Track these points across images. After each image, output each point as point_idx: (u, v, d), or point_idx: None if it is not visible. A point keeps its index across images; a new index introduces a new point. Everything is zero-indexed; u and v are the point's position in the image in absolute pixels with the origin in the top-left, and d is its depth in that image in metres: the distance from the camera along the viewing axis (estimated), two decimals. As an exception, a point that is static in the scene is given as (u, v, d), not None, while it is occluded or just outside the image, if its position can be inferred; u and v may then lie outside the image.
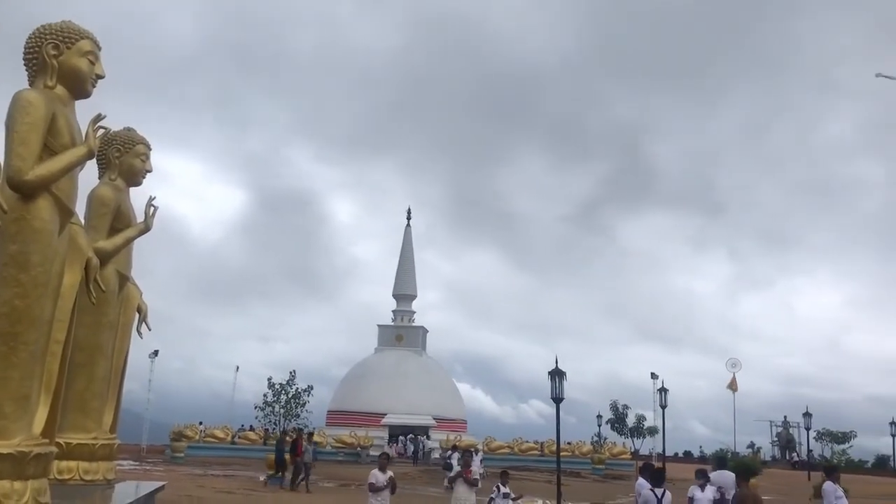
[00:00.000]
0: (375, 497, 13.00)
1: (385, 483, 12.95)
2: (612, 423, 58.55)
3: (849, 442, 54.99)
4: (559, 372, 23.45)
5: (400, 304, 65.28)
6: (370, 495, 13.06)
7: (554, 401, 23.72)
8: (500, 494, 14.07)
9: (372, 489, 13.02)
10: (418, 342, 64.24)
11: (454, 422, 59.24)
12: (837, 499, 13.20)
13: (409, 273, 65.52)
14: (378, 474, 13.14)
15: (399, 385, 58.16)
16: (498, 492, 14.10)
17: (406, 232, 66.97)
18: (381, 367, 60.63)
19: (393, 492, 13.08)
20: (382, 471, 13.17)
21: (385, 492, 12.96)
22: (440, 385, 61.92)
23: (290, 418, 29.51)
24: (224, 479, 28.29)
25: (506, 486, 14.22)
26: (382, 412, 56.74)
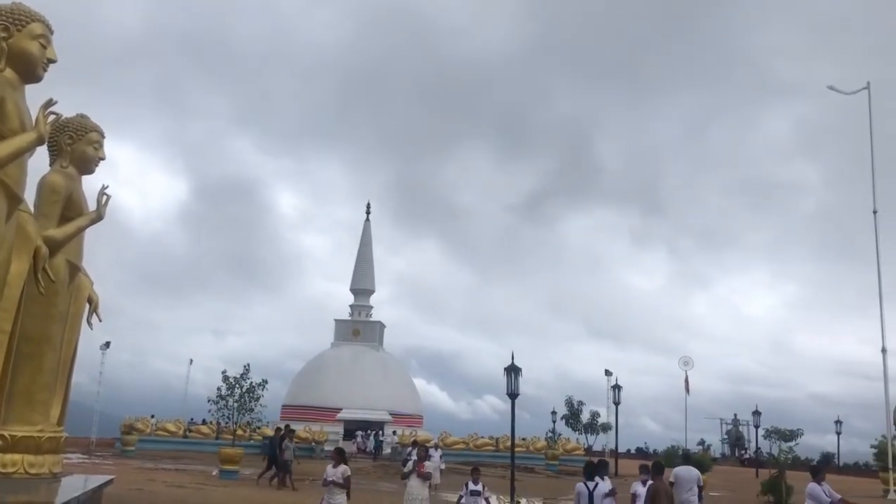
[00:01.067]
0: (325, 493, 12.95)
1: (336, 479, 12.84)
2: (566, 420, 58.99)
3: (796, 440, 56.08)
4: (515, 368, 23.60)
5: (357, 299, 64.99)
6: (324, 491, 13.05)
7: (509, 396, 23.86)
8: (468, 492, 13.20)
9: (323, 483, 13.04)
10: (375, 337, 64.04)
11: (410, 417, 59.20)
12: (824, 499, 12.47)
13: (367, 268, 65.27)
14: (329, 469, 13.09)
15: (355, 380, 57.93)
16: (466, 489, 13.30)
17: (365, 227, 66.71)
18: (337, 362, 60.32)
19: (344, 487, 12.88)
20: (336, 466, 13.09)
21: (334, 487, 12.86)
22: (397, 380, 61.81)
23: (244, 413, 29.10)
24: (175, 473, 27.92)
25: (477, 483, 13.40)
26: (338, 407, 56.48)
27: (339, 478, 12.82)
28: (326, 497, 12.86)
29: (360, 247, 66.14)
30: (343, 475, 12.87)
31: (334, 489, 12.79)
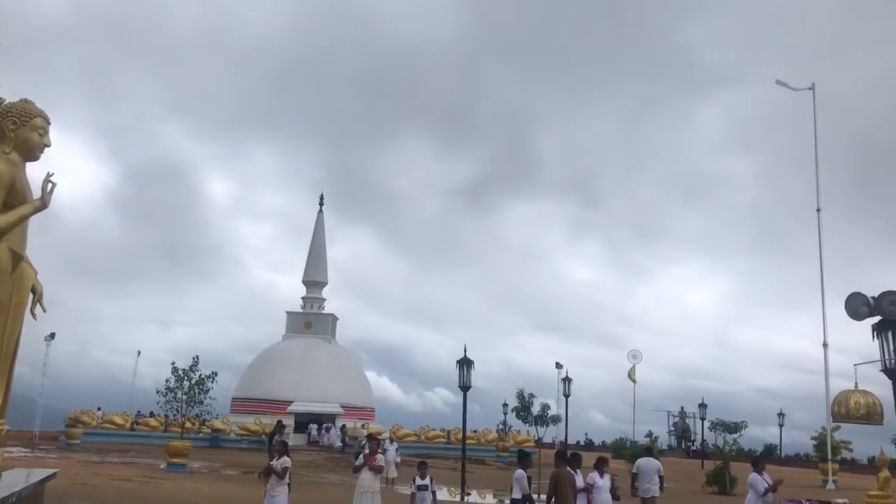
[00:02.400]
0: (267, 485, 12.92)
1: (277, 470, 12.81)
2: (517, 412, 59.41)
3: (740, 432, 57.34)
4: (467, 361, 23.73)
5: (310, 291, 64.53)
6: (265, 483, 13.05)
7: (462, 389, 23.98)
8: (416, 487, 13.06)
9: (261, 475, 13.04)
10: (328, 329, 63.67)
11: (362, 410, 59.08)
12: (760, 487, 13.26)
13: (319, 260, 64.82)
14: (274, 462, 13.06)
15: (307, 372, 57.58)
16: (413, 485, 13.15)
17: (318, 218, 66.18)
18: (288, 354, 59.88)
19: (280, 477, 12.88)
20: (278, 458, 13.05)
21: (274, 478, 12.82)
22: (349, 373, 61.60)
23: (192, 405, 28.73)
24: (122, 467, 27.46)
25: (425, 477, 13.27)
26: (289, 399, 56.09)
27: (278, 469, 12.84)
28: (269, 489, 12.84)
29: (312, 238, 65.61)
30: (281, 466, 12.88)
31: (275, 480, 12.78)
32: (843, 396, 12.76)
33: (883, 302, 11.75)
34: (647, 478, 16.03)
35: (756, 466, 13.69)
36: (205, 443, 44.21)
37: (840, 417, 13.18)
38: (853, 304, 11.89)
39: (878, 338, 11.85)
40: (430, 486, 13.10)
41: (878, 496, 12.32)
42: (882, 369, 12.02)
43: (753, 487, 13.30)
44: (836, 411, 12.89)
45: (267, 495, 12.85)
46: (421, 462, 13.74)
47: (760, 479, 13.26)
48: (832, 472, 34.30)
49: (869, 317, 12.09)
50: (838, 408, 12.70)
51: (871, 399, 12.33)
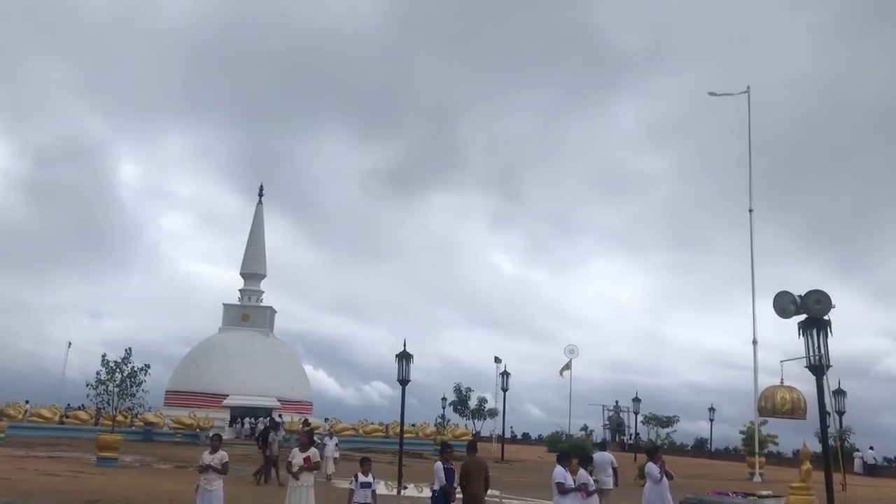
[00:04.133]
0: (202, 479, 12.72)
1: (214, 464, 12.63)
2: (454, 406, 59.80)
3: (672, 426, 58.92)
4: (406, 355, 23.73)
5: (248, 283, 63.79)
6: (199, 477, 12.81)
7: (400, 383, 23.97)
8: (359, 485, 12.57)
9: (199, 470, 12.81)
10: (266, 322, 63.08)
11: (300, 404, 58.69)
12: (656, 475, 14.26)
13: (258, 252, 64.12)
14: (206, 455, 12.86)
15: (244, 366, 56.99)
16: (356, 481, 12.63)
17: (257, 209, 65.46)
18: (225, 347, 59.15)
19: (222, 472, 12.73)
20: (214, 451, 12.86)
21: (210, 472, 12.66)
22: (287, 366, 61.14)
23: (124, 398, 28.12)
24: (49, 461, 26.73)
25: (367, 474, 12.76)
26: (224, 393, 55.45)
27: (216, 463, 12.64)
28: (203, 484, 12.63)
29: (251, 230, 64.87)
30: (221, 461, 12.69)
31: (212, 475, 12.58)
32: (770, 392, 13.18)
33: (809, 300, 12.12)
34: (602, 470, 16.88)
35: (652, 457, 14.70)
36: (137, 436, 43.40)
37: (766, 412, 13.62)
38: (781, 303, 12.23)
39: (803, 335, 12.24)
40: (372, 483, 12.93)
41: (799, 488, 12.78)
42: (807, 366, 12.42)
43: (650, 476, 14.23)
44: (763, 406, 13.31)
45: (202, 490, 12.66)
46: (364, 458, 13.45)
47: (656, 468, 14.18)
48: (759, 465, 35.35)
49: (796, 315, 12.45)
50: (765, 403, 13.11)
51: (796, 395, 12.76)
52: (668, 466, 14.90)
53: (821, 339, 12.21)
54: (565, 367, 51.78)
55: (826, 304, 12.21)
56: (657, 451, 15.43)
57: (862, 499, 24.86)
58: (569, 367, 51.84)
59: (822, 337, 12.26)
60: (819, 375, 12.46)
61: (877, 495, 28.22)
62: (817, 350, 12.26)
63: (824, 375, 12.55)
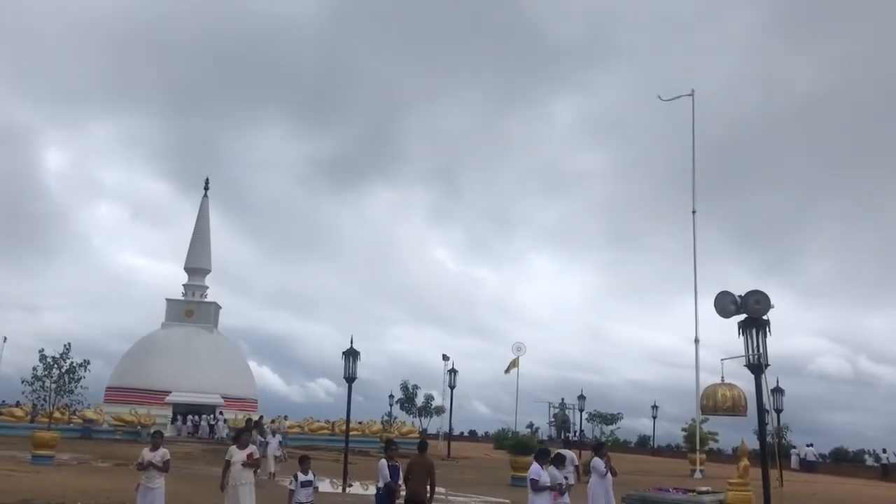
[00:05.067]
0: (143, 476, 12.52)
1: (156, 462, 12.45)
2: (401, 403, 59.70)
3: (616, 423, 59.60)
4: (353, 352, 23.56)
5: (192, 278, 62.80)
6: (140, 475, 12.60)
7: (347, 380, 23.80)
8: (298, 484, 12.43)
9: (139, 468, 12.58)
10: (210, 318, 62.17)
11: (244, 401, 58.04)
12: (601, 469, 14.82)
13: (203, 246, 63.15)
14: (146, 453, 12.64)
15: (187, 362, 56.13)
16: (295, 481, 12.48)
17: (203, 203, 64.46)
18: (168, 343, 58.18)
19: (164, 470, 12.56)
20: (155, 449, 12.65)
21: (152, 470, 12.47)
22: (231, 363, 60.39)
23: (62, 394, 27.41)
24: (-19, 460, 25.92)
25: (308, 473, 12.62)
26: (167, 390, 54.54)
27: (158, 461, 12.48)
28: (144, 482, 12.43)
29: (196, 224, 63.87)
30: (162, 458, 12.55)
31: (154, 473, 12.42)
32: (711, 390, 13.43)
33: (749, 300, 12.40)
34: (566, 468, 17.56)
35: (598, 452, 15.50)
36: (75, 434, 42.36)
37: (708, 410, 13.88)
38: (722, 303, 12.49)
39: (743, 334, 12.51)
40: (313, 481, 12.79)
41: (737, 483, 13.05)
42: (746, 364, 12.70)
43: (596, 470, 14.85)
44: (705, 404, 13.56)
45: (143, 488, 12.44)
46: (303, 457, 13.31)
47: (602, 463, 14.84)
48: (699, 461, 36.04)
49: (736, 314, 12.72)
50: (706, 401, 13.36)
51: (736, 392, 13.03)
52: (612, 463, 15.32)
53: (760, 338, 12.51)
54: (512, 365, 52.02)
55: (765, 304, 12.50)
56: (603, 447, 16.17)
57: (798, 494, 25.54)
58: (516, 365, 52.09)
59: (760, 336, 12.56)
60: (758, 374, 12.75)
61: (812, 490, 29.04)
62: (756, 349, 12.55)
63: (763, 374, 12.85)
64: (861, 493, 30.38)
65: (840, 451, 53.52)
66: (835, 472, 45.77)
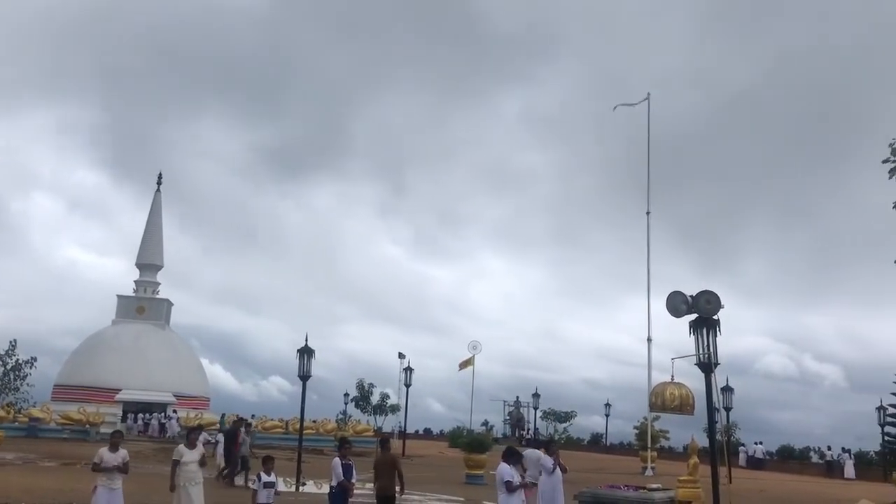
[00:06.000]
0: (102, 478, 12.27)
1: (117, 463, 12.24)
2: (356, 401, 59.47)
3: (569, 421, 60.15)
4: (308, 350, 23.45)
5: (144, 274, 61.80)
6: (98, 476, 12.31)
7: (301, 378, 23.67)
8: (262, 484, 12.31)
9: (95, 469, 12.30)
10: (162, 315, 61.25)
11: (196, 399, 57.35)
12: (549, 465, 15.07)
13: (155, 242, 62.22)
14: (105, 453, 12.38)
15: (138, 360, 55.29)
16: (258, 481, 12.39)
17: (155, 198, 63.50)
18: (118, 341, 57.21)
19: (123, 472, 12.36)
20: (114, 449, 12.41)
21: (115, 471, 12.27)
22: (183, 361, 59.59)
23: (7, 392, 26.81)
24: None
25: (271, 474, 12.51)
26: (117, 387, 53.65)
27: (120, 462, 12.30)
28: (106, 483, 12.22)
29: (148, 219, 62.90)
30: (123, 459, 12.36)
31: (115, 474, 12.25)
32: (661, 388, 13.65)
33: (700, 301, 12.61)
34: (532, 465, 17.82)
35: (548, 449, 15.72)
36: (21, 432, 41.39)
37: (657, 408, 14.11)
38: (673, 302, 12.68)
39: (693, 334, 12.73)
40: (276, 483, 12.69)
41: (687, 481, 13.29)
42: (696, 363, 12.93)
43: (544, 467, 15.05)
44: (654, 402, 13.78)
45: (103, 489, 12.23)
46: (266, 457, 13.22)
47: (550, 460, 15.08)
48: (651, 459, 36.55)
49: (687, 314, 12.93)
50: (656, 399, 13.57)
51: (685, 391, 13.25)
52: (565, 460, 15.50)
53: (710, 337, 12.74)
54: (466, 363, 52.11)
55: (715, 304, 12.73)
56: (552, 444, 16.36)
57: (746, 491, 26.03)
58: (471, 363, 52.23)
59: (711, 336, 12.79)
60: (708, 373, 12.98)
61: (759, 487, 29.64)
62: (706, 348, 12.78)
63: (713, 373, 13.09)
64: (806, 490, 31.12)
65: (786, 448, 54.67)
66: (781, 469, 46.80)
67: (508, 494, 12.52)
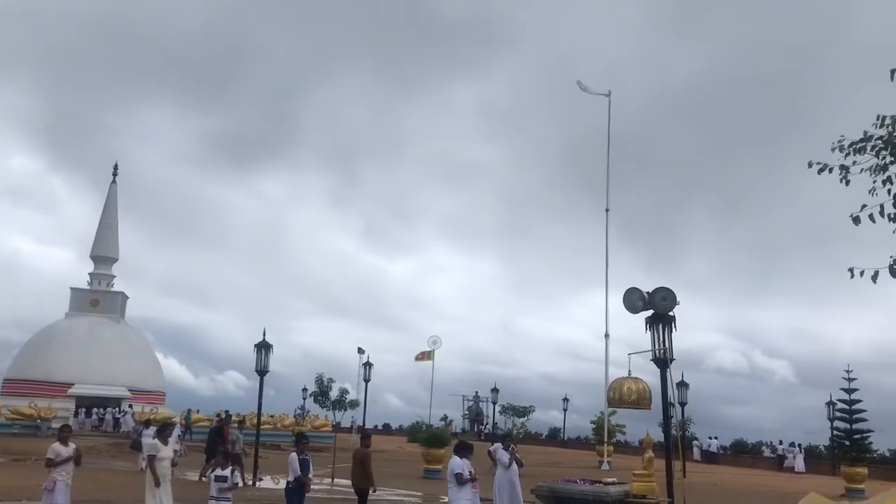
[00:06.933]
0: (56, 472, 12.17)
1: (69, 456, 12.19)
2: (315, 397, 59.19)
3: (527, 416, 60.66)
4: (266, 344, 23.35)
5: (98, 267, 60.70)
6: (50, 470, 12.21)
7: (258, 373, 23.55)
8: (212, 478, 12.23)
9: (49, 464, 12.17)
10: (116, 308, 60.26)
11: (152, 394, 56.54)
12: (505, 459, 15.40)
13: (110, 234, 61.10)
14: (58, 448, 12.31)
15: (92, 353, 54.33)
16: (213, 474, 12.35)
17: (111, 189, 62.32)
18: (71, 334, 56.15)
19: (77, 464, 12.35)
20: (64, 444, 12.34)
21: (69, 465, 12.23)
22: (138, 355, 58.68)
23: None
24: None
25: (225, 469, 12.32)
26: (70, 382, 52.70)
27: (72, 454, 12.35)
28: (63, 478, 12.18)
29: (103, 211, 61.74)
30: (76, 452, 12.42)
31: (71, 468, 12.30)
32: (618, 383, 13.80)
33: (656, 297, 12.80)
34: None
35: (503, 443, 16.37)
36: (-32, 428, 40.50)
37: (614, 403, 14.26)
38: (630, 299, 12.85)
39: (650, 330, 12.92)
40: (229, 477, 12.59)
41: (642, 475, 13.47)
42: (652, 359, 13.11)
43: (500, 461, 15.45)
44: (611, 397, 13.93)
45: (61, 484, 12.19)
46: (225, 452, 13.23)
47: (506, 455, 15.42)
48: (607, 453, 37.00)
49: (644, 310, 13.11)
50: (613, 394, 13.72)
51: (642, 386, 13.43)
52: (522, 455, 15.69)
53: (665, 333, 12.94)
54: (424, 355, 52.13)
55: (671, 300, 12.92)
56: (507, 438, 16.97)
57: (699, 484, 26.49)
58: (430, 357, 52.27)
59: (666, 332, 12.99)
60: (663, 368, 13.18)
61: (712, 481, 30.18)
62: (662, 344, 12.97)
63: (668, 368, 13.29)
64: (757, 483, 31.77)
65: (739, 443, 55.78)
66: (734, 463, 47.66)
67: (459, 487, 12.66)
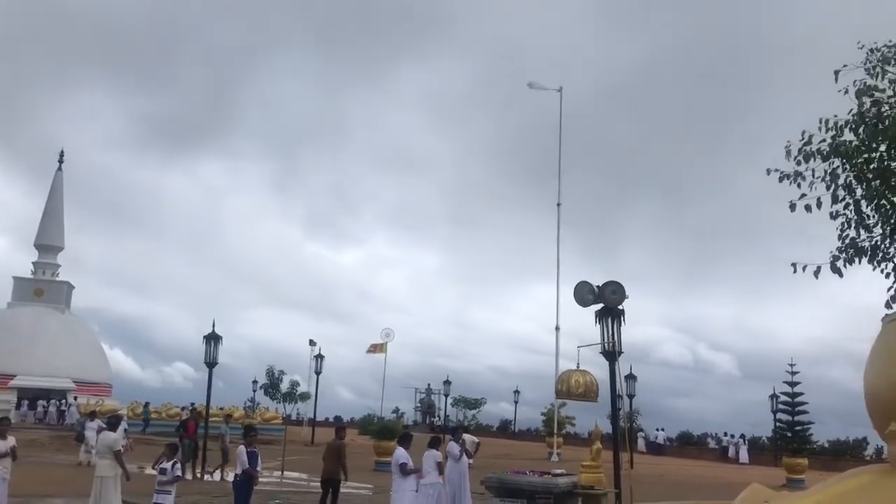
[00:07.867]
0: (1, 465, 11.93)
1: (5, 451, 11.94)
2: (265, 389, 58.68)
3: (479, 408, 61.00)
4: (215, 336, 23.11)
5: (42, 256, 59.30)
6: None
7: (207, 365, 23.31)
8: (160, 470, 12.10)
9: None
10: (62, 298, 58.97)
11: (98, 385, 55.51)
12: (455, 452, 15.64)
13: (55, 222, 59.75)
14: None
15: (36, 344, 53.17)
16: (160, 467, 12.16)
17: (56, 177, 60.92)
18: (14, 324, 54.83)
19: (14, 459, 12.08)
20: (2, 437, 12.05)
21: (6, 460, 11.98)
22: (84, 346, 57.55)
23: None
24: None
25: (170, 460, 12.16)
26: (13, 373, 51.49)
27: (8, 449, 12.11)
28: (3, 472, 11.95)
29: (48, 198, 60.33)
30: (12, 447, 12.19)
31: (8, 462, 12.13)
32: (566, 376, 13.97)
33: (605, 291, 12.99)
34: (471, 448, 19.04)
35: (454, 436, 16.63)
36: None
37: (562, 395, 14.44)
38: (580, 292, 13.02)
39: (599, 323, 13.12)
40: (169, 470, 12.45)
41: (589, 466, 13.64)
42: (601, 352, 13.31)
43: (450, 454, 15.62)
44: (559, 389, 14.10)
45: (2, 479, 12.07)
46: (169, 444, 13.04)
47: (457, 447, 15.71)
48: (557, 445, 37.41)
49: (594, 304, 13.29)
50: (561, 386, 13.88)
51: (590, 378, 13.60)
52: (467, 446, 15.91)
53: (614, 327, 13.15)
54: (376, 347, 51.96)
55: (620, 294, 13.13)
56: (458, 431, 17.25)
57: (646, 475, 26.91)
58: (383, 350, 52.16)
59: (615, 325, 13.19)
60: (612, 361, 13.39)
61: (658, 472, 30.71)
62: (611, 337, 13.18)
63: (617, 361, 13.50)
64: (703, 474, 32.42)
65: (686, 434, 56.86)
66: (680, 454, 48.61)
67: (403, 477, 12.77)
